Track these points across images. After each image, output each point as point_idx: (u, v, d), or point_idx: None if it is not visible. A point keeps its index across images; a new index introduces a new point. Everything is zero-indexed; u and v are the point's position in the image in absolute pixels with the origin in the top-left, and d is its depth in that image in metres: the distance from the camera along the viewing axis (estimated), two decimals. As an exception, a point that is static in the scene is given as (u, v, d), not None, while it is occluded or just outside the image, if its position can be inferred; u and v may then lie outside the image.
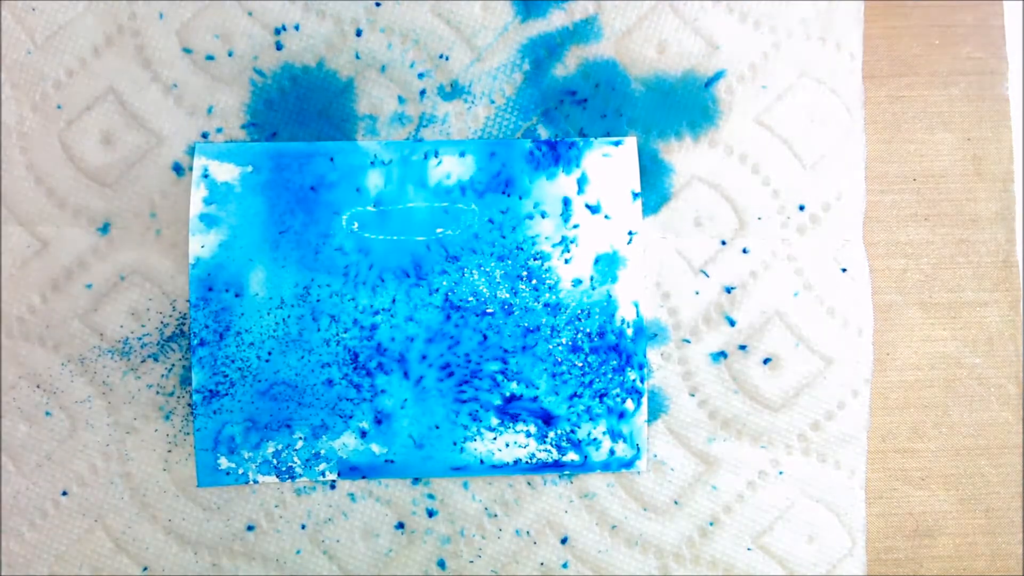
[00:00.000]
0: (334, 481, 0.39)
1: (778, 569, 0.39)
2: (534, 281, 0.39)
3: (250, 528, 0.39)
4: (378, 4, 0.40)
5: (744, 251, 0.40)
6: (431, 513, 0.39)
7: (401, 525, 0.39)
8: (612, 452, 0.39)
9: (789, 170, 0.40)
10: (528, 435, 0.39)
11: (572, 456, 0.39)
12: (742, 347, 0.40)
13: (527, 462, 0.39)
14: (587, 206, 0.39)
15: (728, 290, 0.40)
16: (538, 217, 0.39)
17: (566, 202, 0.39)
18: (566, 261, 0.39)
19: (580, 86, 0.40)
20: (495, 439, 0.39)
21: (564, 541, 0.39)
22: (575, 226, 0.39)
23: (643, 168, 0.40)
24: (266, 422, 0.38)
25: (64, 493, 0.39)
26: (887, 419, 0.41)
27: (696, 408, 0.40)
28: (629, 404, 0.39)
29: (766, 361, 0.40)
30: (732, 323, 0.40)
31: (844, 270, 0.40)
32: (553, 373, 0.39)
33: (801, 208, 0.40)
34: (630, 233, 0.39)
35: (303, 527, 0.39)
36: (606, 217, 0.39)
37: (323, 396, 0.38)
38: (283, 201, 0.39)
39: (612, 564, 0.39)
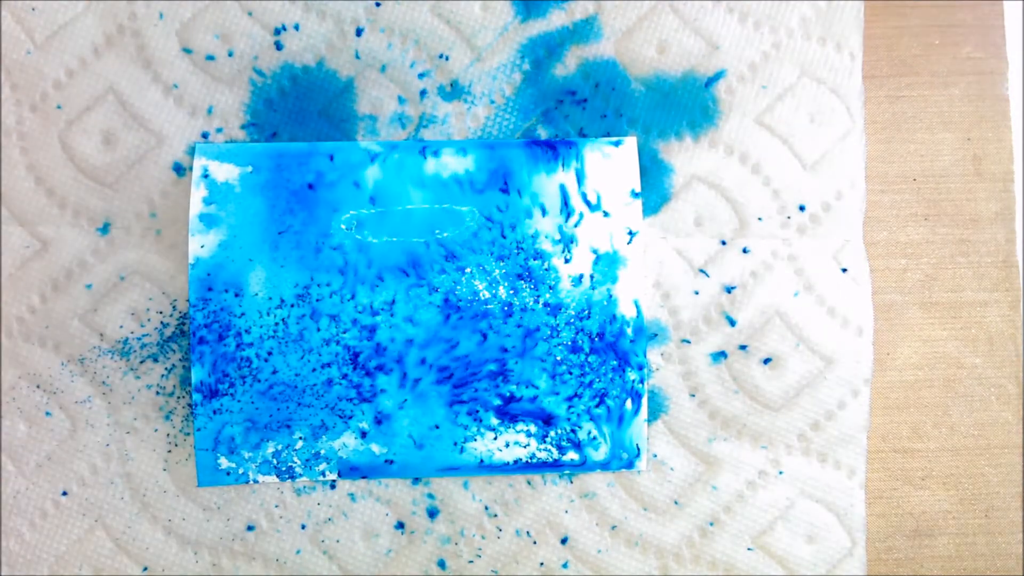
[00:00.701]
0: (334, 481, 0.39)
1: (778, 569, 0.39)
2: (534, 281, 0.39)
3: (250, 528, 0.39)
4: (378, 4, 0.40)
5: (744, 251, 0.40)
6: (431, 513, 0.39)
7: (401, 525, 0.39)
8: (612, 452, 0.39)
9: (789, 170, 0.40)
10: (528, 435, 0.39)
11: (572, 456, 0.39)
12: (742, 347, 0.40)
13: (527, 462, 0.39)
14: (587, 204, 0.39)
15: (728, 290, 0.40)
16: (538, 216, 0.39)
17: (565, 200, 0.39)
18: (566, 260, 0.39)
19: (580, 86, 0.40)
20: (495, 439, 0.39)
21: (564, 541, 0.39)
22: (575, 225, 0.39)
23: (643, 168, 0.40)
24: (266, 422, 0.38)
25: (64, 493, 0.39)
26: (887, 419, 0.41)
27: (696, 408, 0.40)
28: (629, 404, 0.39)
29: (766, 361, 0.40)
30: (732, 323, 0.40)
31: (844, 270, 0.40)
32: (553, 373, 0.39)
33: (801, 208, 0.40)
34: (630, 233, 0.39)
35: (303, 527, 0.39)
36: (605, 215, 0.39)
37: (323, 396, 0.38)
38: (282, 201, 0.39)
39: (612, 564, 0.39)
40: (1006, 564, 0.40)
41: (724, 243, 0.40)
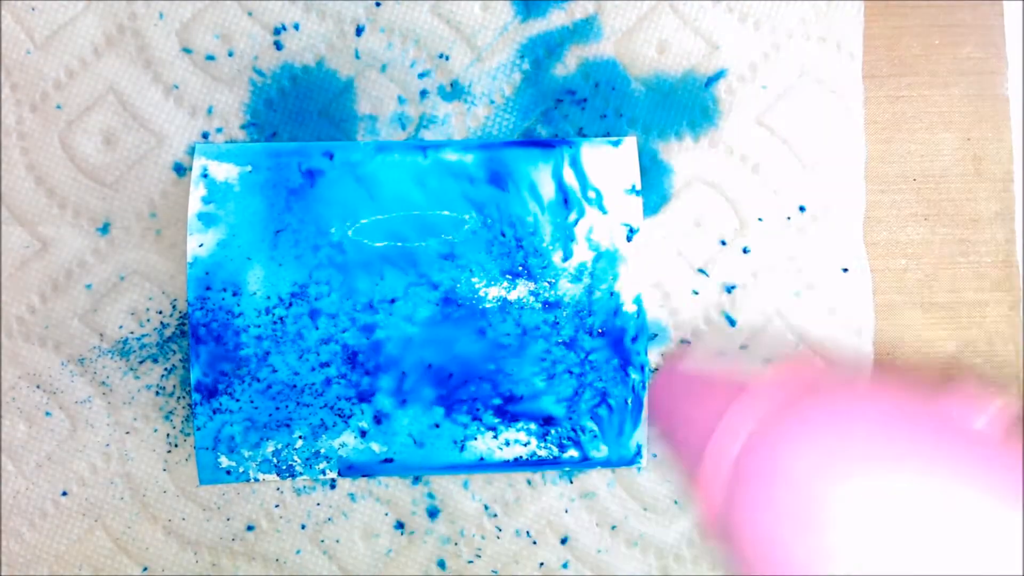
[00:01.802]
0: (334, 480, 0.39)
1: (778, 569, 0.39)
2: (533, 279, 0.39)
3: (250, 528, 0.39)
4: (378, 4, 0.40)
5: (744, 251, 0.40)
6: (431, 513, 0.39)
7: (401, 525, 0.39)
8: (612, 451, 0.39)
9: (789, 170, 0.40)
10: (529, 433, 0.39)
11: (572, 453, 0.39)
12: (742, 347, 0.40)
13: (527, 459, 0.39)
14: (587, 201, 0.39)
15: (728, 290, 0.40)
16: (537, 214, 0.39)
17: (565, 198, 0.39)
18: (565, 258, 0.39)
19: (580, 86, 0.40)
20: (495, 437, 0.39)
21: (564, 541, 0.39)
22: (574, 223, 0.39)
23: (643, 168, 0.40)
24: (265, 421, 0.38)
25: (64, 493, 0.39)
26: (887, 419, 0.41)
27: (696, 408, 0.40)
28: (630, 403, 0.39)
29: (766, 361, 0.40)
30: (732, 323, 0.40)
31: (845, 270, 0.40)
32: (553, 372, 0.39)
33: (801, 209, 0.40)
34: (631, 230, 0.39)
35: (303, 527, 0.39)
36: (605, 213, 0.39)
37: (322, 395, 0.38)
38: (281, 199, 0.39)
39: (612, 564, 0.39)
40: (1007, 564, 0.40)
41: (724, 243, 0.40)
